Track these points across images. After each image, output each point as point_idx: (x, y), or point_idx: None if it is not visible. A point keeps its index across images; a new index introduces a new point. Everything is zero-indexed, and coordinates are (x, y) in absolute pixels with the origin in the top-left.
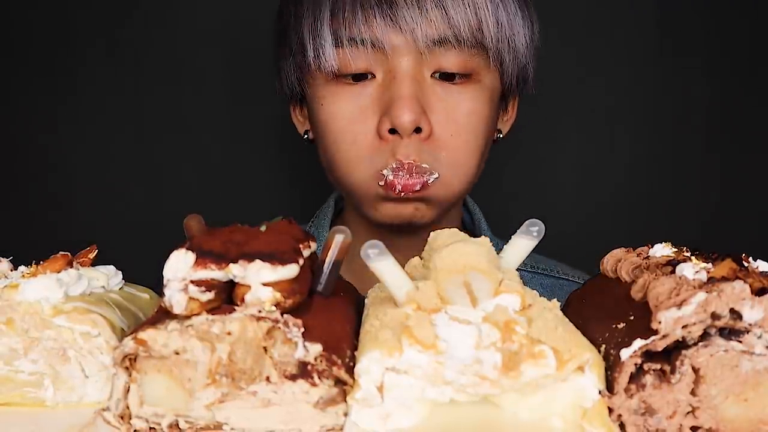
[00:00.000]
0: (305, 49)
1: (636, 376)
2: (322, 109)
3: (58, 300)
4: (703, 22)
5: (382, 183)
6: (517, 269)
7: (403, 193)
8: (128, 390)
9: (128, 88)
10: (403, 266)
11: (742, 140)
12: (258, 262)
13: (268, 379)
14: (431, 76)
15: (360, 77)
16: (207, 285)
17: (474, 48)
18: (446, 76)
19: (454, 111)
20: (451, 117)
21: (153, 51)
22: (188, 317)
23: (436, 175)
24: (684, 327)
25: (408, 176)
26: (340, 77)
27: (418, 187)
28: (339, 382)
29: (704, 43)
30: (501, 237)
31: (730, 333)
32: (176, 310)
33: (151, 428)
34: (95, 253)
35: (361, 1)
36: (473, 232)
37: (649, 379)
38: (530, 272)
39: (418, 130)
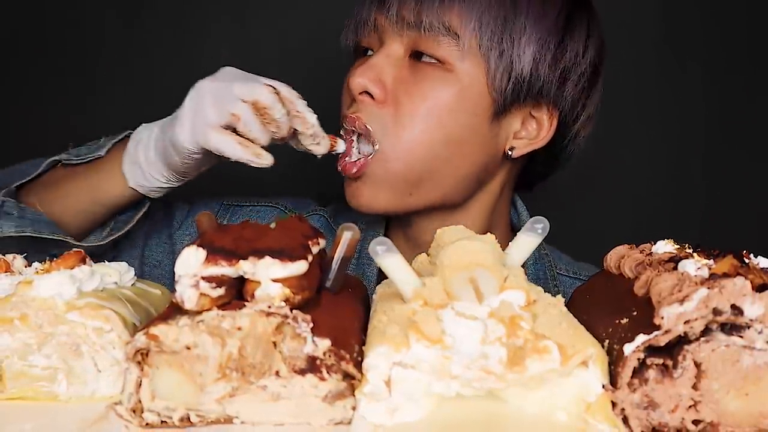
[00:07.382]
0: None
1: (639, 371)
2: None
3: (72, 296)
4: (705, 21)
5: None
6: (560, 275)
7: (344, 174)
8: (140, 384)
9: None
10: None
11: (743, 139)
12: (268, 258)
13: (277, 373)
14: (409, 56)
15: (367, 52)
16: (218, 281)
17: (447, 37)
18: (418, 56)
19: (414, 90)
20: (411, 95)
21: (164, 48)
22: (199, 313)
23: (377, 147)
24: (686, 322)
25: (349, 156)
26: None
27: (354, 170)
28: (347, 376)
29: (707, 41)
30: None
31: (731, 328)
32: (187, 306)
33: (162, 422)
34: None
35: None
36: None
37: (651, 373)
38: (572, 278)
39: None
